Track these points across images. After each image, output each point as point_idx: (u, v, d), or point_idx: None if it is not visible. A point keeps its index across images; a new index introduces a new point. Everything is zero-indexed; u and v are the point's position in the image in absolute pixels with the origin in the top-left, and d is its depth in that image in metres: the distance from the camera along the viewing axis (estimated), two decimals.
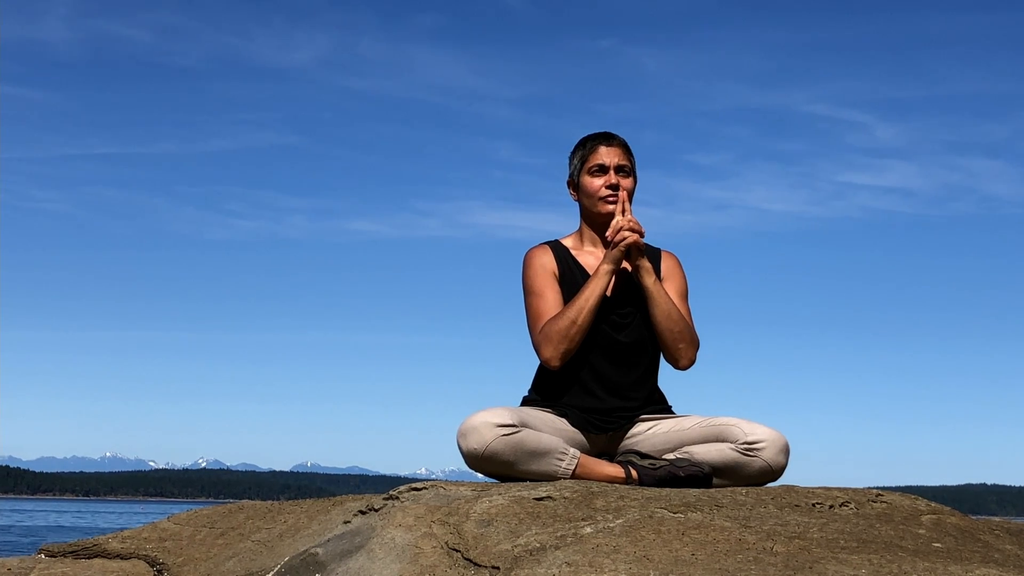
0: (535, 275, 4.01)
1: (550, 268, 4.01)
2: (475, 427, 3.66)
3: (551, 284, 3.98)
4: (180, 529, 3.97)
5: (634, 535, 2.93)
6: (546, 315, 3.93)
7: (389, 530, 3.18)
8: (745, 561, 2.72)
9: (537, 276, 4.00)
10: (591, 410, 3.94)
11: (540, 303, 3.96)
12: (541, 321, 3.92)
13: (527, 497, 3.28)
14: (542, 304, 3.95)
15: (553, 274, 4.00)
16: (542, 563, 2.79)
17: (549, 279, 3.99)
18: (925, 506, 3.47)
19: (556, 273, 4.00)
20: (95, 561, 3.84)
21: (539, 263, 4.02)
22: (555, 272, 4.00)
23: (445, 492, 3.45)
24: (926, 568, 2.63)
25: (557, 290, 3.97)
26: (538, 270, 4.01)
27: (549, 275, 4.00)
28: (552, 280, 3.99)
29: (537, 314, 3.95)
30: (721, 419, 3.89)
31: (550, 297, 3.96)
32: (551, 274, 4.00)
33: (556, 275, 4.00)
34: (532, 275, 4.01)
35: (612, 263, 3.89)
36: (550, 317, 3.90)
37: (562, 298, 3.96)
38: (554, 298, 3.96)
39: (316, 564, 3.19)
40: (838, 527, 3.05)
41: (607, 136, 4.09)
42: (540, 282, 3.99)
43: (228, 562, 3.52)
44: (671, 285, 4.08)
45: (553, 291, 3.97)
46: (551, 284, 3.98)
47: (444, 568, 2.97)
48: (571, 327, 3.86)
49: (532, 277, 4.01)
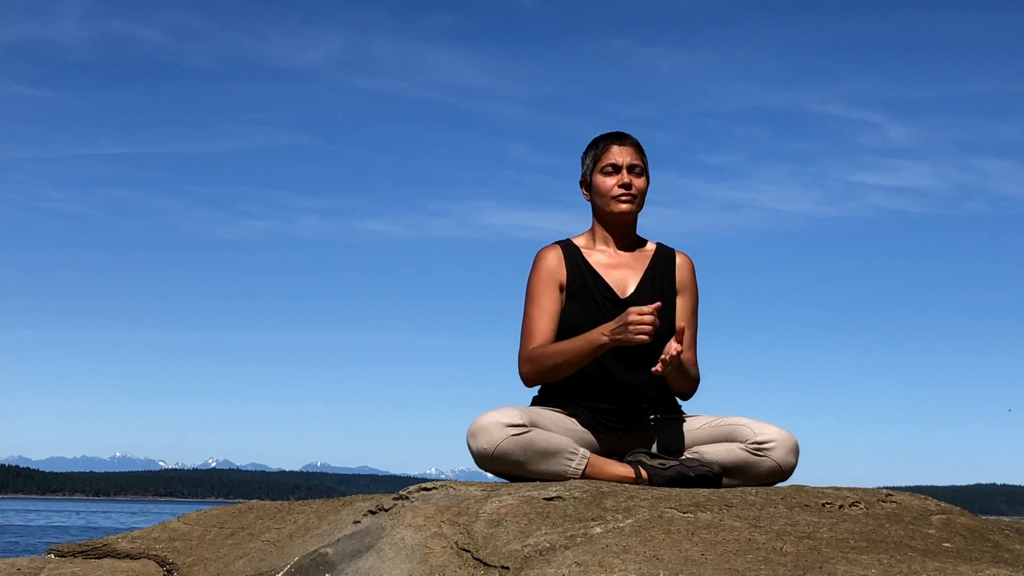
0: (538, 281, 4.01)
1: (556, 274, 4.00)
2: (485, 427, 3.67)
3: (550, 292, 3.98)
4: (190, 529, 3.98)
5: (644, 535, 2.93)
6: (537, 330, 3.94)
7: (399, 530, 3.18)
8: (755, 561, 2.72)
9: (540, 282, 4.00)
10: (601, 410, 3.94)
11: (535, 313, 3.96)
12: (531, 335, 3.95)
13: (537, 497, 3.28)
14: (536, 314, 3.96)
15: (559, 282, 3.99)
16: (552, 563, 2.79)
17: (550, 286, 3.98)
18: (935, 506, 3.47)
19: (564, 277, 3.99)
20: (105, 561, 3.85)
21: (545, 267, 4.01)
22: (562, 277, 3.99)
23: (455, 492, 3.45)
24: (936, 568, 2.63)
25: (556, 299, 3.97)
26: (542, 275, 4.01)
27: (552, 281, 3.99)
28: (553, 287, 3.98)
29: (529, 325, 3.97)
30: (731, 419, 3.89)
31: (546, 307, 3.96)
32: (555, 280, 3.99)
33: (564, 279, 3.99)
34: (535, 280, 4.01)
35: (611, 342, 3.79)
36: (541, 340, 3.92)
37: (559, 306, 3.96)
38: (550, 308, 3.96)
39: (326, 564, 3.19)
40: (848, 527, 3.05)
41: (620, 136, 4.09)
42: (540, 289, 3.99)
43: (238, 562, 3.53)
44: (685, 300, 4.08)
45: (551, 300, 3.97)
46: (550, 292, 3.98)
47: (454, 568, 2.97)
48: (554, 370, 3.89)
49: (535, 282, 4.01)
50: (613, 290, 3.99)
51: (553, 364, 3.88)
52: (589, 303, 3.96)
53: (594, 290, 3.97)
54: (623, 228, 4.09)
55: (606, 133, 4.12)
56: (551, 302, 3.97)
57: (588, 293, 3.97)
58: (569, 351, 3.84)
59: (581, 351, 3.83)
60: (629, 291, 4.00)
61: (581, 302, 3.96)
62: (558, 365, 3.87)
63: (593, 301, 3.96)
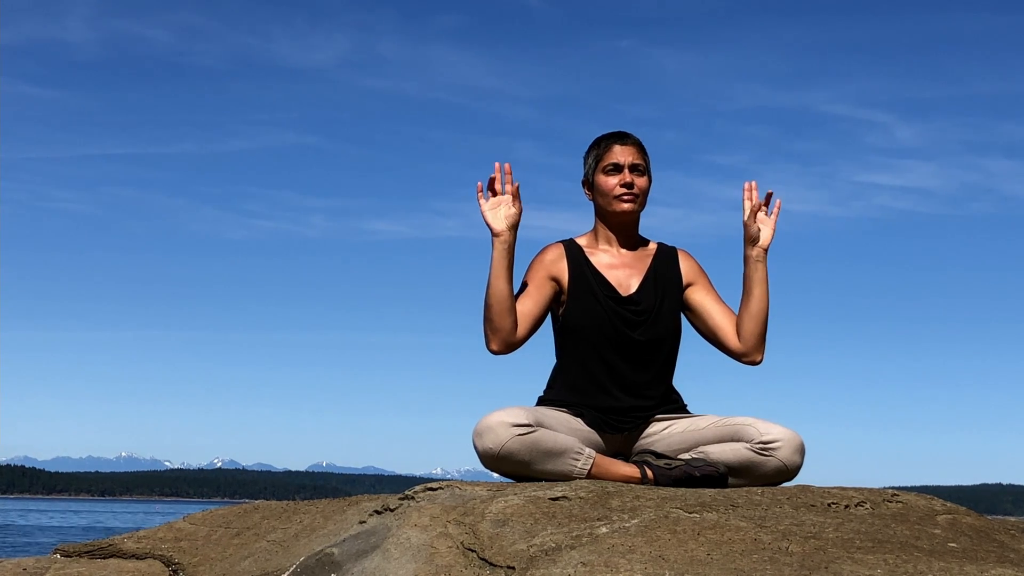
0: (530, 268, 4.03)
1: (550, 267, 4.00)
2: (491, 427, 3.67)
3: (536, 280, 3.99)
4: (195, 529, 3.98)
5: (649, 535, 2.93)
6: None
7: (405, 530, 3.18)
8: (761, 561, 2.72)
9: (529, 269, 4.03)
10: (606, 409, 3.94)
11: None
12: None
13: (542, 497, 3.28)
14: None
15: (551, 275, 4.00)
16: (557, 563, 2.79)
17: (538, 276, 4.00)
18: (940, 506, 3.47)
19: (563, 274, 3.99)
20: (111, 561, 3.85)
21: (540, 259, 4.04)
22: (560, 273, 4.00)
23: (460, 492, 3.45)
24: (941, 568, 2.63)
25: (540, 288, 3.98)
26: (534, 264, 4.03)
27: (543, 272, 4.00)
28: (543, 279, 3.99)
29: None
30: (736, 419, 3.89)
31: (529, 290, 3.97)
32: (546, 272, 4.00)
33: (562, 276, 3.99)
34: (529, 268, 4.04)
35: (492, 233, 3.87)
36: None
37: (543, 294, 3.97)
38: (533, 292, 3.97)
39: (332, 564, 3.19)
40: (854, 527, 3.05)
41: (622, 135, 4.09)
42: (528, 275, 4.02)
43: (243, 562, 3.53)
44: (702, 287, 4.09)
45: (535, 287, 3.98)
46: (536, 280, 3.99)
47: (459, 568, 2.97)
48: (486, 308, 3.88)
49: (527, 270, 4.03)
50: (615, 289, 3.99)
51: (484, 305, 3.88)
52: (591, 302, 3.96)
53: (596, 289, 3.97)
54: (625, 228, 4.09)
55: (608, 132, 4.12)
56: (533, 287, 3.98)
57: (591, 292, 3.97)
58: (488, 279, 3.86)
59: (491, 272, 3.85)
60: (631, 290, 4.01)
61: (583, 301, 3.97)
62: (485, 303, 3.87)
63: (596, 300, 3.96)
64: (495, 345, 3.90)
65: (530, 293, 3.96)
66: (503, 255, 3.85)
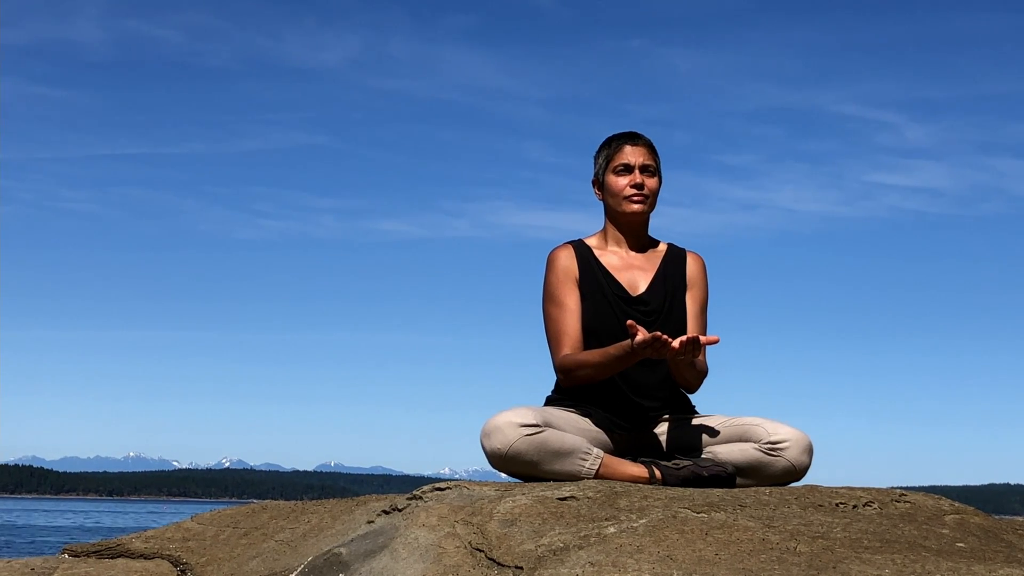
0: (557, 282, 4.00)
1: (572, 272, 4.00)
2: (499, 427, 3.67)
3: (571, 292, 3.98)
4: (203, 529, 3.99)
5: (657, 535, 2.93)
6: (564, 332, 3.94)
7: (412, 530, 3.18)
8: (768, 561, 2.72)
9: (559, 283, 4.00)
10: (615, 410, 3.94)
11: (560, 315, 3.96)
12: (562, 337, 3.94)
13: (550, 497, 3.28)
14: (562, 316, 3.96)
15: (574, 279, 4.00)
16: (565, 563, 2.79)
17: (570, 285, 3.99)
18: (948, 506, 3.47)
19: (576, 275, 4.00)
20: (118, 561, 3.86)
21: (560, 266, 4.02)
22: (576, 275, 4.00)
23: (468, 492, 3.45)
24: (949, 568, 2.63)
25: (577, 298, 3.97)
26: (560, 275, 4.01)
27: (570, 281, 3.99)
28: (572, 287, 3.99)
29: (558, 328, 3.96)
30: (744, 419, 3.89)
31: (570, 306, 3.96)
32: (572, 279, 4.00)
33: (576, 277, 4.00)
34: (554, 281, 4.01)
35: (636, 355, 3.75)
36: (571, 343, 3.93)
37: (580, 304, 3.96)
38: (574, 307, 3.96)
39: (340, 564, 3.19)
40: (861, 527, 3.05)
41: (632, 135, 4.09)
42: (562, 291, 3.98)
43: (251, 562, 3.53)
44: (694, 295, 4.09)
45: (573, 299, 3.97)
46: (571, 292, 3.98)
47: (467, 568, 2.97)
48: (587, 379, 3.90)
49: (554, 284, 4.01)
50: (625, 289, 3.99)
51: (586, 374, 3.88)
52: (601, 302, 3.96)
53: (606, 289, 3.97)
54: (635, 228, 4.09)
55: (619, 133, 4.12)
56: (572, 300, 3.97)
57: (600, 292, 3.97)
58: (604, 361, 3.82)
59: (614, 366, 3.82)
60: (640, 291, 4.00)
61: (594, 302, 3.97)
62: (591, 377, 3.88)
63: (605, 300, 3.96)
64: (570, 386, 3.97)
65: (572, 310, 3.97)
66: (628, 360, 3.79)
